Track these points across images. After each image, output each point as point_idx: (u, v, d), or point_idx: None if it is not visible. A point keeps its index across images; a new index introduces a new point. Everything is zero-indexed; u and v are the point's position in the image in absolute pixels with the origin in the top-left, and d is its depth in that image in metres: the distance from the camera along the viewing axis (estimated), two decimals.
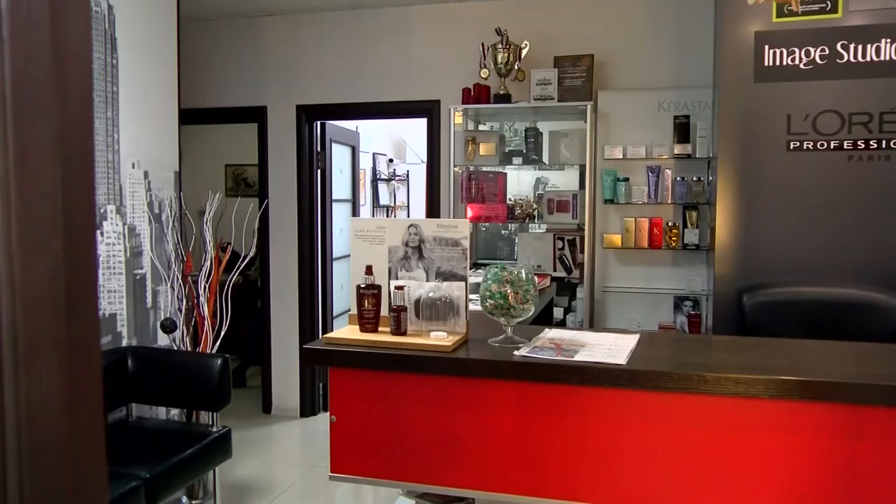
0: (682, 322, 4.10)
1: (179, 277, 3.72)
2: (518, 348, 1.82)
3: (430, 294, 1.91)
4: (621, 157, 4.19)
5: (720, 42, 3.33)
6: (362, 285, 1.95)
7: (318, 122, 5.10)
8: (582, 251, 4.29)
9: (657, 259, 4.27)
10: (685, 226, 4.11)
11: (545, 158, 4.45)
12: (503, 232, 5.13)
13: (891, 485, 1.57)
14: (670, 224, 4.14)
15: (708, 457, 1.66)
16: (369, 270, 1.95)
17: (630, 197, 4.19)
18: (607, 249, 4.30)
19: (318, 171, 5.11)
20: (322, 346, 1.91)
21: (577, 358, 1.73)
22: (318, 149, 5.12)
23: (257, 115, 5.04)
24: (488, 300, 1.86)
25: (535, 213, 4.43)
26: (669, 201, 4.13)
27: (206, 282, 3.70)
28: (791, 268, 3.13)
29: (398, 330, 1.89)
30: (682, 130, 4.10)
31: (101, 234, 3.28)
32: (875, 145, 3.09)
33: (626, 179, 4.20)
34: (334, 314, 5.27)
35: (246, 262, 3.89)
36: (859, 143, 3.10)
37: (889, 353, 1.97)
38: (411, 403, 1.83)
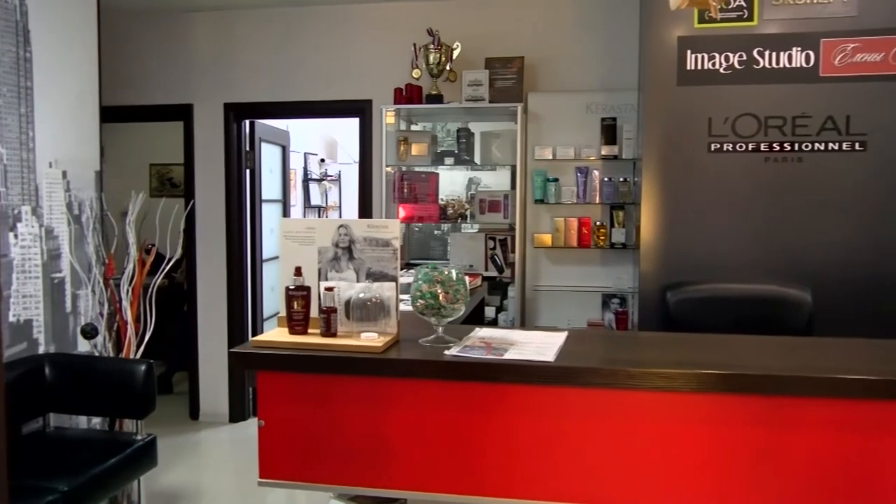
0: (611, 319, 4.20)
1: (101, 281, 3.59)
2: (449, 348, 1.82)
3: (361, 295, 1.89)
4: (551, 157, 4.26)
5: (645, 46, 3.42)
6: (291, 287, 1.92)
7: (248, 121, 5.00)
8: (513, 251, 4.34)
9: (586, 258, 4.36)
10: (613, 225, 4.21)
11: (477, 159, 4.48)
12: (436, 232, 5.15)
13: (808, 472, 1.65)
14: (598, 224, 4.24)
15: (635, 449, 1.70)
16: (298, 272, 1.93)
17: (560, 197, 4.27)
18: (538, 249, 4.36)
19: (247, 170, 5.01)
20: (250, 350, 1.87)
21: (507, 356, 1.75)
22: (247, 148, 5.02)
23: (183, 113, 4.90)
24: (419, 300, 1.86)
25: (468, 213, 4.46)
26: (598, 201, 4.23)
27: (129, 285, 3.58)
28: (712, 265, 3.25)
29: (328, 331, 1.87)
30: (610, 132, 4.20)
31: (15, 236, 3.13)
32: (789, 147, 3.23)
33: (556, 180, 4.27)
34: (265, 316, 5.18)
35: (171, 264, 3.78)
36: (774, 145, 3.24)
37: (803, 346, 2.06)
38: (342, 405, 1.82)
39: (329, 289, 1.88)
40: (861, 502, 1.64)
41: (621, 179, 4.18)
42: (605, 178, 4.21)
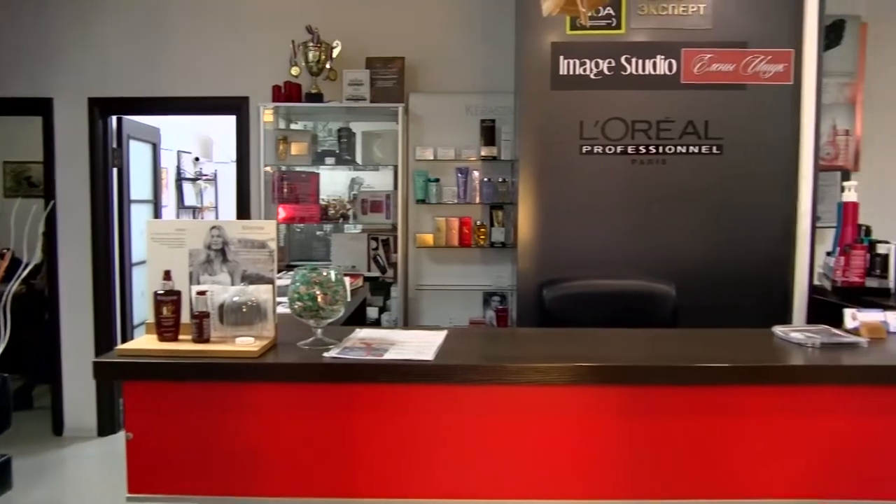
0: (491, 317, 4.29)
1: None
2: (328, 350, 1.80)
3: (236, 298, 1.83)
4: (432, 158, 4.30)
5: (520, 51, 3.52)
6: (160, 291, 1.83)
7: (114, 117, 4.72)
8: (396, 251, 4.35)
9: (467, 257, 4.43)
10: (492, 225, 4.31)
11: (359, 159, 4.46)
12: (318, 233, 5.08)
13: (676, 456, 1.75)
14: (479, 223, 4.32)
15: (515, 443, 1.75)
16: (167, 276, 1.84)
17: (441, 197, 4.32)
18: (420, 248, 4.40)
19: (114, 169, 4.74)
20: (115, 359, 1.77)
21: (387, 357, 1.75)
22: (114, 145, 4.75)
23: (42, 108, 4.57)
24: (296, 302, 1.83)
25: (350, 213, 4.42)
26: (478, 201, 4.31)
27: None
28: (585, 262, 3.39)
29: (200, 337, 1.80)
30: (489, 134, 4.29)
31: None
32: (654, 150, 3.42)
33: (437, 180, 4.31)
34: (135, 324, 4.91)
35: (29, 269, 3.51)
36: (641, 148, 3.42)
37: (668, 337, 2.19)
38: (216, 414, 1.75)
39: (201, 293, 1.81)
40: (720, 480, 1.75)
41: (500, 180, 4.28)
42: (485, 179, 4.30)
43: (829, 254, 3.38)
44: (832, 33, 4.35)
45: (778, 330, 2.07)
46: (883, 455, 1.75)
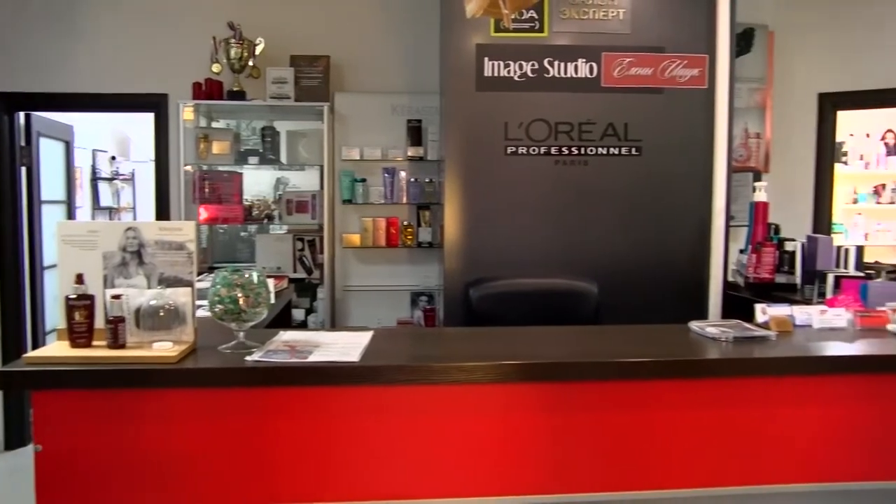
0: (419, 317, 4.29)
1: None
2: (250, 353, 1.76)
3: (153, 302, 1.77)
4: (359, 158, 4.27)
5: (445, 52, 3.54)
6: (72, 296, 1.75)
7: (22, 113, 4.49)
8: (322, 251, 4.30)
9: (395, 257, 4.43)
10: (420, 225, 4.32)
11: (283, 158, 4.39)
12: (242, 234, 4.97)
13: (599, 450, 1.79)
14: (406, 223, 4.32)
15: (442, 442, 1.75)
16: (80, 279, 1.76)
17: (368, 197, 4.30)
18: (347, 249, 4.36)
19: (23, 168, 4.51)
20: (22, 368, 1.68)
21: (311, 359, 1.73)
22: (23, 143, 4.51)
23: None
24: (217, 305, 1.78)
25: (275, 213, 4.35)
26: (405, 201, 4.31)
27: None
28: (511, 261, 3.44)
29: (115, 343, 1.73)
30: (415, 134, 4.30)
31: None
32: (576, 151, 3.50)
33: (364, 180, 4.29)
34: (46, 330, 4.69)
35: None
36: (564, 149, 3.49)
37: (590, 334, 2.24)
38: (133, 423, 1.69)
39: (116, 297, 1.74)
40: (642, 472, 1.81)
41: (427, 180, 4.29)
42: (412, 179, 4.30)
43: (741, 251, 3.54)
44: (743, 41, 4.55)
45: (694, 325, 2.15)
46: (791, 441, 1.84)
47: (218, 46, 4.09)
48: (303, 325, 4.22)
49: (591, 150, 3.50)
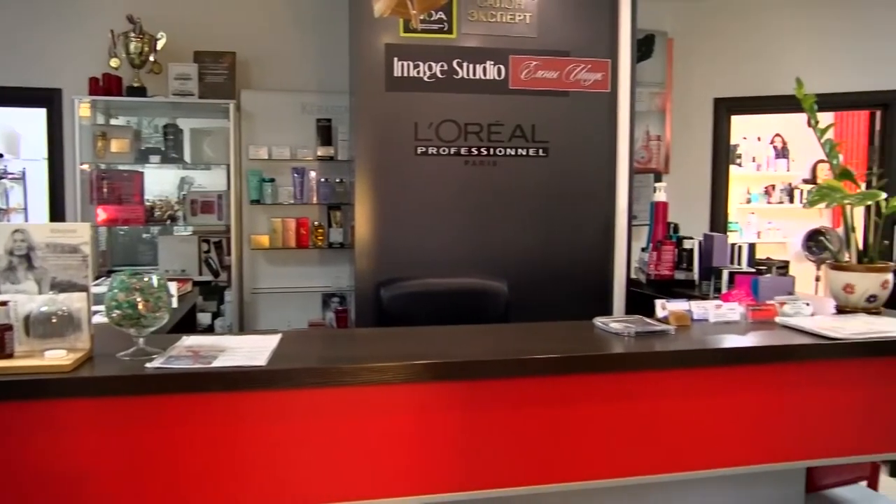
0: (331, 318, 4.25)
1: None
2: (151, 360, 1.69)
3: (44, 308, 1.68)
4: (267, 157, 4.19)
5: (354, 51, 3.51)
6: None
7: None
8: (229, 253, 4.19)
9: (305, 258, 4.36)
10: (330, 225, 4.27)
11: (187, 157, 4.25)
12: (145, 235, 4.77)
13: (511, 446, 1.82)
14: (316, 224, 4.27)
15: (355, 444, 1.73)
16: None
17: (277, 197, 4.22)
18: (256, 250, 4.27)
19: None
20: None
21: (216, 364, 1.68)
22: None
23: None
24: (115, 311, 1.70)
25: (179, 214, 4.20)
26: (315, 201, 4.26)
27: None
28: (422, 261, 3.45)
29: (2, 352, 1.63)
30: (325, 133, 4.25)
31: None
32: (486, 152, 3.54)
33: (273, 180, 4.21)
34: None
35: None
36: (473, 149, 3.53)
37: (500, 332, 2.27)
38: (24, 437, 1.59)
39: (2, 303, 1.64)
40: (554, 465, 1.85)
41: (337, 180, 4.25)
42: (322, 179, 4.25)
43: (643, 249, 3.67)
44: (644, 46, 4.73)
45: (598, 321, 2.22)
46: (691, 430, 1.93)
47: (116, 40, 3.92)
48: (209, 330, 4.10)
49: (500, 151, 3.56)
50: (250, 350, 1.81)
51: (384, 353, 1.91)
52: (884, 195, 2.42)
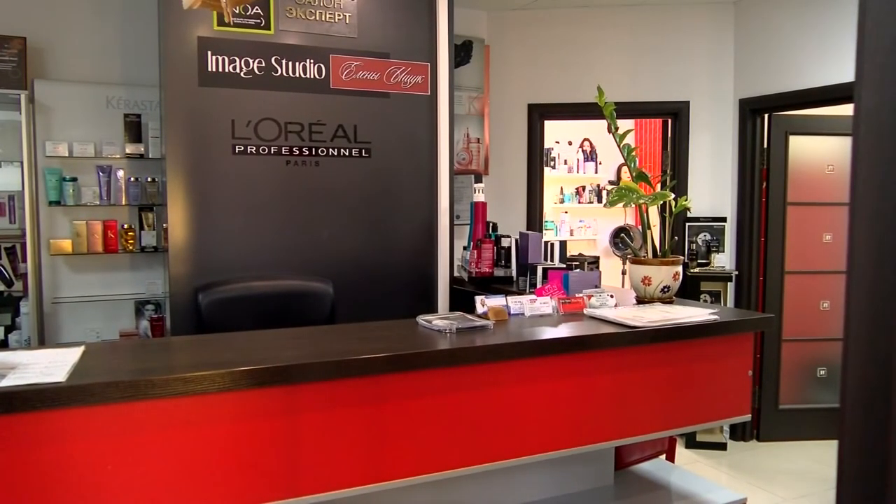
0: (146, 327, 3.99)
1: None
2: None
3: None
4: (67, 154, 3.84)
5: (164, 43, 3.30)
6: None
7: None
8: (25, 260, 3.79)
9: (114, 263, 4.05)
10: (142, 228, 4.00)
11: None
12: None
13: (334, 448, 1.80)
14: (126, 226, 3.98)
15: (169, 460, 1.64)
16: None
17: (80, 198, 3.88)
18: (56, 256, 3.90)
19: None
20: None
21: (4, 384, 1.52)
22: None
23: None
24: None
25: None
26: (124, 203, 3.97)
27: None
28: (242, 264, 3.33)
29: None
30: (134, 129, 3.98)
31: None
32: (307, 152, 3.49)
33: (75, 179, 3.87)
34: None
35: None
36: (294, 149, 3.46)
37: (324, 334, 2.25)
38: None
39: None
40: (377, 462, 1.86)
41: (149, 180, 4.00)
42: (131, 178, 3.97)
43: (465, 248, 3.80)
44: (462, 52, 4.90)
45: (421, 319, 2.27)
46: (510, 418, 2.02)
47: None
48: (4, 345, 3.70)
49: (323, 151, 3.52)
50: (47, 366, 1.66)
51: (200, 361, 1.83)
52: (672, 195, 2.69)
